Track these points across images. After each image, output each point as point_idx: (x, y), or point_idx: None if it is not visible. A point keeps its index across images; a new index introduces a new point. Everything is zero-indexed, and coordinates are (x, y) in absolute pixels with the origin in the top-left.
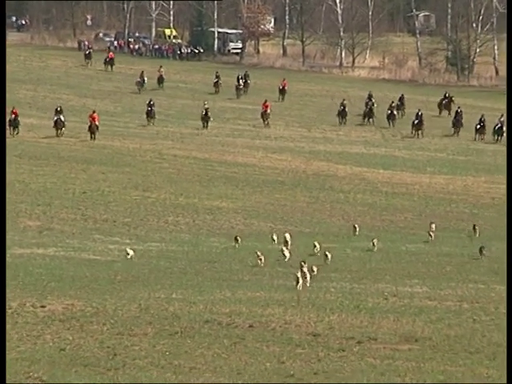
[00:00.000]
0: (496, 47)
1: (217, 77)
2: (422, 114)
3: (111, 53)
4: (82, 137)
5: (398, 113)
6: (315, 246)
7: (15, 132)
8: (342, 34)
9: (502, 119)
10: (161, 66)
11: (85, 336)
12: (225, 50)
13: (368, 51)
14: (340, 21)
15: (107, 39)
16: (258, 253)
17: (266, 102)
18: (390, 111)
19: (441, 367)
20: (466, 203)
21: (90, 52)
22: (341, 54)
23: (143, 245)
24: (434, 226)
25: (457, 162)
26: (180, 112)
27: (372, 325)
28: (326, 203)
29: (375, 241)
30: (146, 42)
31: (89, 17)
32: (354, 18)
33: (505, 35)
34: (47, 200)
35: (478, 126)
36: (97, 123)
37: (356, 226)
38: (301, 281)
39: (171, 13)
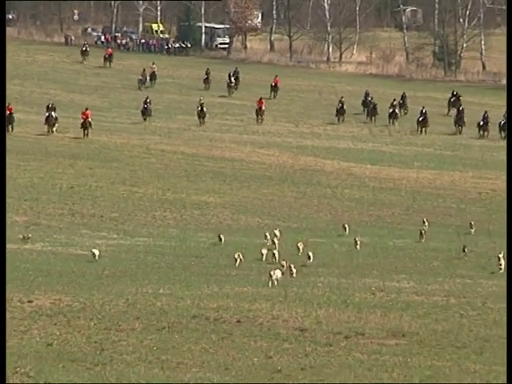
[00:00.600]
0: (483, 42)
1: (207, 73)
2: (426, 111)
3: (110, 49)
4: (71, 132)
5: (400, 111)
6: (299, 248)
7: (11, 129)
8: (329, 29)
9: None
10: (153, 63)
11: (72, 331)
12: (212, 45)
13: (355, 46)
14: (327, 16)
15: (95, 34)
16: (236, 255)
17: (260, 99)
18: (392, 109)
19: (428, 362)
20: (453, 198)
21: (86, 49)
22: (328, 49)
23: (131, 240)
24: (426, 223)
25: (444, 157)
26: (167, 107)
27: (359, 320)
28: (313, 198)
29: (358, 239)
30: (133, 36)
31: (76, 12)
32: (341, 13)
33: (492, 30)
34: (34, 195)
35: (482, 123)
36: (90, 120)
37: (346, 225)
38: (276, 275)
39: (158, 8)
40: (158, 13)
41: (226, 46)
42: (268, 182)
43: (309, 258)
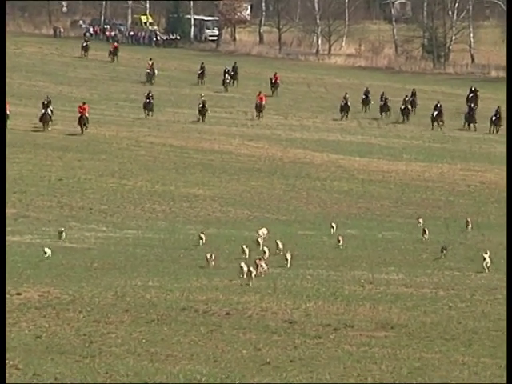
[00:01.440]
0: (472, 35)
1: (202, 68)
2: (441, 106)
3: (115, 43)
4: (59, 124)
5: (411, 107)
6: (278, 246)
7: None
8: (318, 21)
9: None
10: (150, 59)
11: (61, 323)
12: (201, 37)
13: (344, 38)
14: (316, 8)
15: (84, 26)
16: (208, 255)
17: (260, 93)
18: (404, 106)
19: (417, 354)
20: (442, 190)
21: (87, 44)
22: (317, 41)
23: (119, 232)
24: (421, 220)
25: (433, 150)
26: (156, 99)
27: (348, 312)
28: (302, 191)
29: (340, 238)
30: (122, 28)
31: (64, 3)
32: (330, 6)
33: (481, 23)
34: (23, 187)
35: (494, 118)
36: (87, 114)
37: (333, 224)
38: (245, 268)
39: (147, 0)
40: (147, 5)
41: (215, 38)
42: (257, 174)
43: (286, 259)
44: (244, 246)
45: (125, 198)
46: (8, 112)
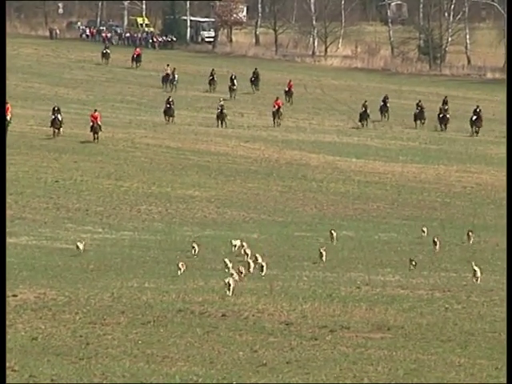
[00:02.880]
0: (468, 36)
1: (212, 74)
2: (480, 110)
3: (138, 49)
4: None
5: (447, 115)
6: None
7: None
8: (314, 22)
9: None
10: (168, 65)
11: (57, 325)
12: (197, 39)
13: (340, 40)
14: (312, 10)
15: (81, 27)
16: (180, 264)
17: (277, 99)
18: (442, 114)
19: (413, 355)
20: (438, 192)
21: (107, 52)
22: (313, 42)
23: (116, 234)
24: (425, 229)
25: (429, 151)
26: (153, 101)
27: (345, 313)
28: (298, 192)
29: (322, 250)
30: (119, 30)
31: (60, 5)
32: (326, 7)
33: (477, 24)
34: (19, 189)
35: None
36: (99, 123)
37: (333, 232)
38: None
39: (143, 1)
40: (143, 6)
41: (211, 39)
42: (253, 176)
43: (262, 269)
44: (227, 260)
45: (121, 199)
46: (9, 117)
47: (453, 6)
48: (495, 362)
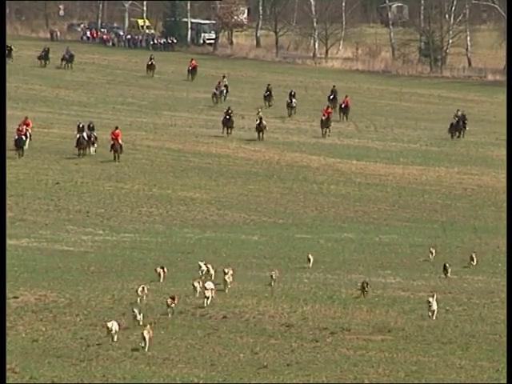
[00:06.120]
0: (469, 38)
1: (268, 89)
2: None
3: (194, 61)
4: (56, 128)
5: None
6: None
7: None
8: (315, 24)
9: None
10: (224, 76)
11: (58, 327)
12: (198, 41)
13: (341, 42)
14: (313, 12)
15: (79, 29)
16: (159, 269)
17: (328, 108)
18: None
19: (414, 358)
20: (439, 194)
21: (152, 63)
22: (314, 44)
23: (116, 236)
24: (433, 250)
25: (430, 153)
26: (153, 103)
27: (345, 315)
28: (299, 194)
29: (274, 273)
30: (119, 32)
31: (61, 7)
32: (327, 9)
33: (477, 26)
34: (20, 191)
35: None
36: (120, 142)
37: (310, 256)
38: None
39: (144, 3)
40: (144, 8)
41: (212, 41)
42: (254, 177)
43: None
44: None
45: (122, 201)
46: (29, 133)
47: (454, 8)
48: (496, 363)
